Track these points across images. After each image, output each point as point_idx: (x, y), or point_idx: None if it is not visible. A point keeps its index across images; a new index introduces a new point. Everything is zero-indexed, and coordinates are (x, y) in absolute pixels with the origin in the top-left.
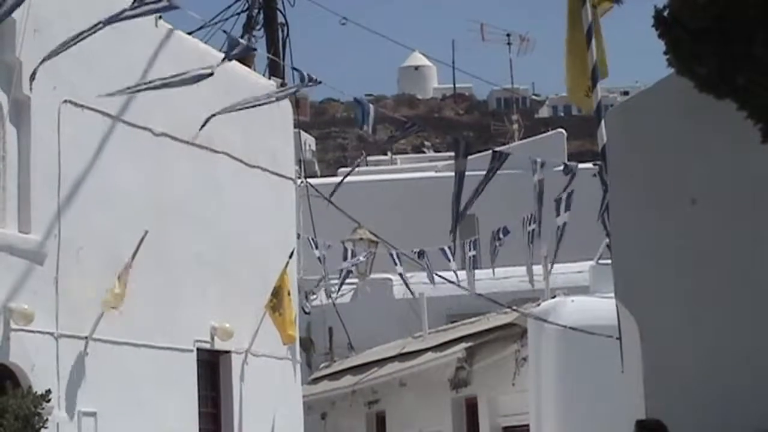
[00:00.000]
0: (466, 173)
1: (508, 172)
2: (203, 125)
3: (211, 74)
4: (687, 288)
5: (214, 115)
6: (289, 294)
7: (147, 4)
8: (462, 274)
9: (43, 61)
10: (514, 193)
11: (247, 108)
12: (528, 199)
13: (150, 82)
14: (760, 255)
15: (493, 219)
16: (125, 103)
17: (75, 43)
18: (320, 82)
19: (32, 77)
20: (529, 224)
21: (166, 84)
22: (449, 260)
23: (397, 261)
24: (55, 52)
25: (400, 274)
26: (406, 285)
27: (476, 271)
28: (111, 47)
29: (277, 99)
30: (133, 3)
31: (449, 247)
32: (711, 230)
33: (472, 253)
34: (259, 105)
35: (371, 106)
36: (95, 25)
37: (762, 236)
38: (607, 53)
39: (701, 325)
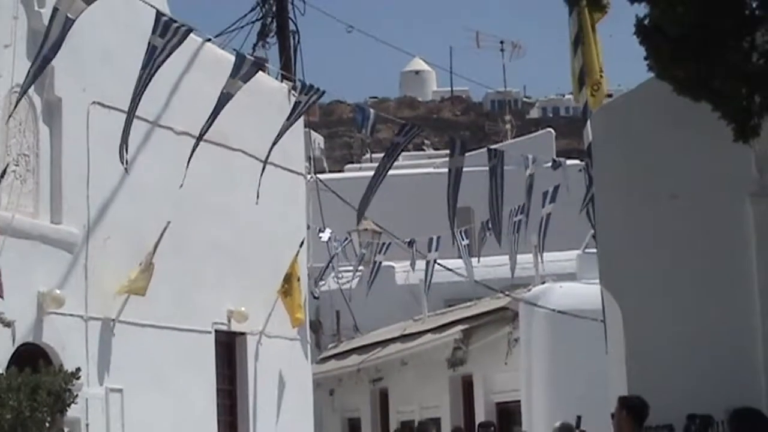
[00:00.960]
0: (463, 169)
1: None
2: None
3: (231, 96)
4: (666, 275)
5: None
6: (298, 280)
7: (170, 40)
8: (459, 262)
9: (125, 137)
10: (507, 187)
11: (292, 124)
12: (520, 192)
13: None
14: (734, 245)
15: (487, 211)
16: (149, 104)
17: (138, 99)
18: (324, 93)
19: (123, 157)
20: (516, 215)
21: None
22: (430, 251)
23: (384, 251)
24: (126, 132)
25: (375, 262)
26: (371, 280)
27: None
28: (136, 53)
29: (296, 118)
30: (161, 44)
31: (438, 238)
32: (689, 222)
33: (466, 242)
34: (295, 119)
35: (372, 111)
36: (142, 79)
37: (736, 228)
38: (602, 57)
39: (679, 310)
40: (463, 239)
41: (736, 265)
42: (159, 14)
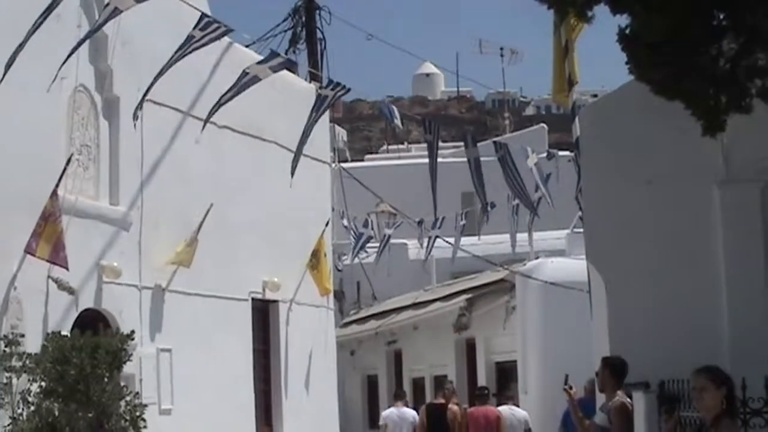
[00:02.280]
0: (458, 159)
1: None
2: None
3: (259, 79)
4: (644, 252)
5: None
6: (325, 255)
7: (208, 33)
8: (466, 240)
9: (147, 91)
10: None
11: (318, 118)
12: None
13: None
14: (702, 224)
15: (488, 196)
16: (195, 102)
17: (161, 74)
18: (349, 89)
19: (135, 115)
20: (514, 199)
21: (233, 95)
22: (433, 228)
23: (395, 227)
24: (152, 84)
25: (385, 236)
26: (380, 251)
27: (474, 237)
28: (183, 58)
29: (324, 110)
30: (199, 36)
31: (442, 219)
32: (664, 206)
33: (463, 222)
34: (323, 111)
35: (394, 107)
36: (172, 58)
37: (704, 211)
38: (579, 63)
39: (655, 282)
40: (461, 220)
41: (704, 243)
42: (203, 15)
